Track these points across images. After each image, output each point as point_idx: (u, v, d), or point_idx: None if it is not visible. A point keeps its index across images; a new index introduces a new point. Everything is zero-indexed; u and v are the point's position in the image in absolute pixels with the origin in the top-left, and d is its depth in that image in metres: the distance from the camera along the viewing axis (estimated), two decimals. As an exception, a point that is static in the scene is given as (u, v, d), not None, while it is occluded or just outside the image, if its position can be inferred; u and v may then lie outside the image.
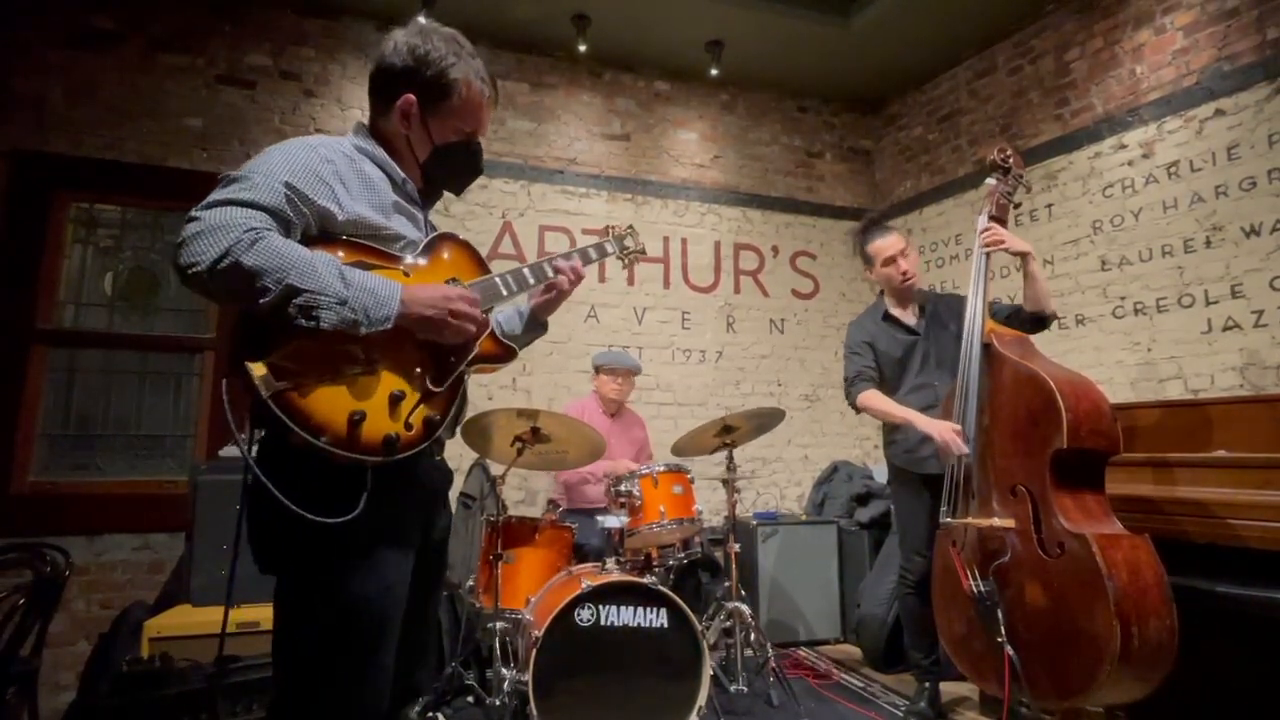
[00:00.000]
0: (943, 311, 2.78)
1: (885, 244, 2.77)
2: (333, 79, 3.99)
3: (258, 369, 1.09)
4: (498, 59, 4.33)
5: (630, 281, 4.46)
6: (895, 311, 2.82)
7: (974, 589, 2.04)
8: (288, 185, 1.14)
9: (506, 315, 1.60)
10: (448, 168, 1.42)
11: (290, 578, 1.21)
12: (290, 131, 3.89)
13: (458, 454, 3.56)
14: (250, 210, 1.10)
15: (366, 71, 1.43)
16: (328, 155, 1.23)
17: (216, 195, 1.11)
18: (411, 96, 1.33)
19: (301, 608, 1.20)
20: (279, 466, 1.14)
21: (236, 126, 3.81)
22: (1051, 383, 1.98)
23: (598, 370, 3.57)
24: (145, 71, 3.68)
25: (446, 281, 1.35)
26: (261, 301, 1.07)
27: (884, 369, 2.78)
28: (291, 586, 1.21)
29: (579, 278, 1.56)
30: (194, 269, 1.04)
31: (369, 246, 1.26)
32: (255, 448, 1.19)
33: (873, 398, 2.68)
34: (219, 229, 1.06)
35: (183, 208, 1.12)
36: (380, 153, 1.34)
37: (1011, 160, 2.40)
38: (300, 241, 1.16)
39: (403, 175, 1.36)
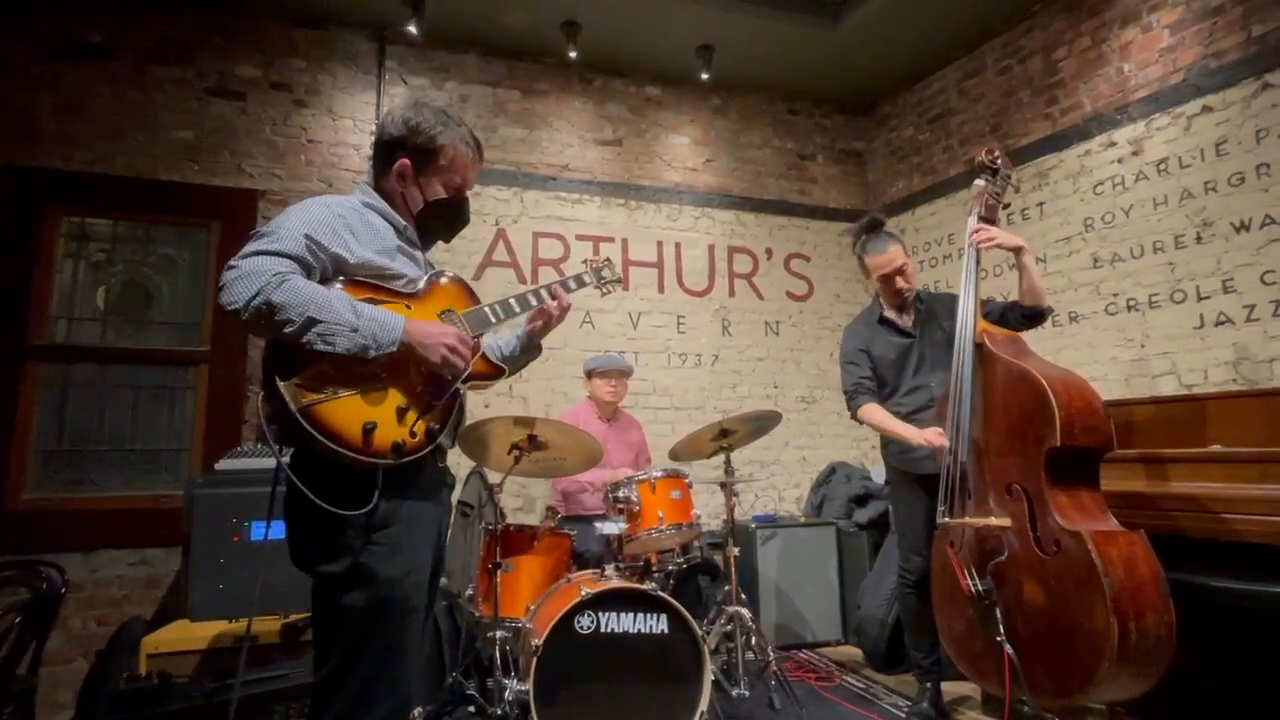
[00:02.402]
0: (937, 312, 2.78)
1: (881, 260, 2.72)
2: (323, 89, 3.99)
3: (287, 387, 1.30)
4: (488, 67, 4.34)
5: (625, 287, 4.46)
6: (890, 314, 2.82)
7: (972, 588, 2.05)
8: (308, 236, 1.36)
9: (506, 339, 1.81)
10: (438, 219, 1.64)
11: (325, 571, 1.37)
12: (282, 143, 3.89)
13: (454, 462, 3.53)
14: (277, 258, 1.31)
15: (357, 81, 1.51)
16: (339, 211, 1.45)
17: (250, 247, 1.32)
18: (406, 160, 1.56)
19: (337, 596, 1.36)
20: (304, 470, 1.34)
21: (227, 138, 3.80)
22: (1043, 381, 1.99)
23: (590, 375, 3.56)
24: (135, 84, 3.67)
25: (442, 311, 1.56)
26: (287, 331, 1.28)
27: (881, 373, 2.78)
28: (326, 578, 1.37)
29: (565, 307, 1.75)
30: (233, 306, 1.26)
31: (375, 285, 1.47)
32: (286, 455, 1.38)
33: (872, 412, 2.70)
34: (252, 274, 1.27)
35: (174, 221, 1.27)
36: (384, 205, 1.56)
37: (1000, 161, 2.40)
38: (319, 283, 1.37)
39: (404, 223, 1.58)
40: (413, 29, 3.86)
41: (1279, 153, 2.90)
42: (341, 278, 1.43)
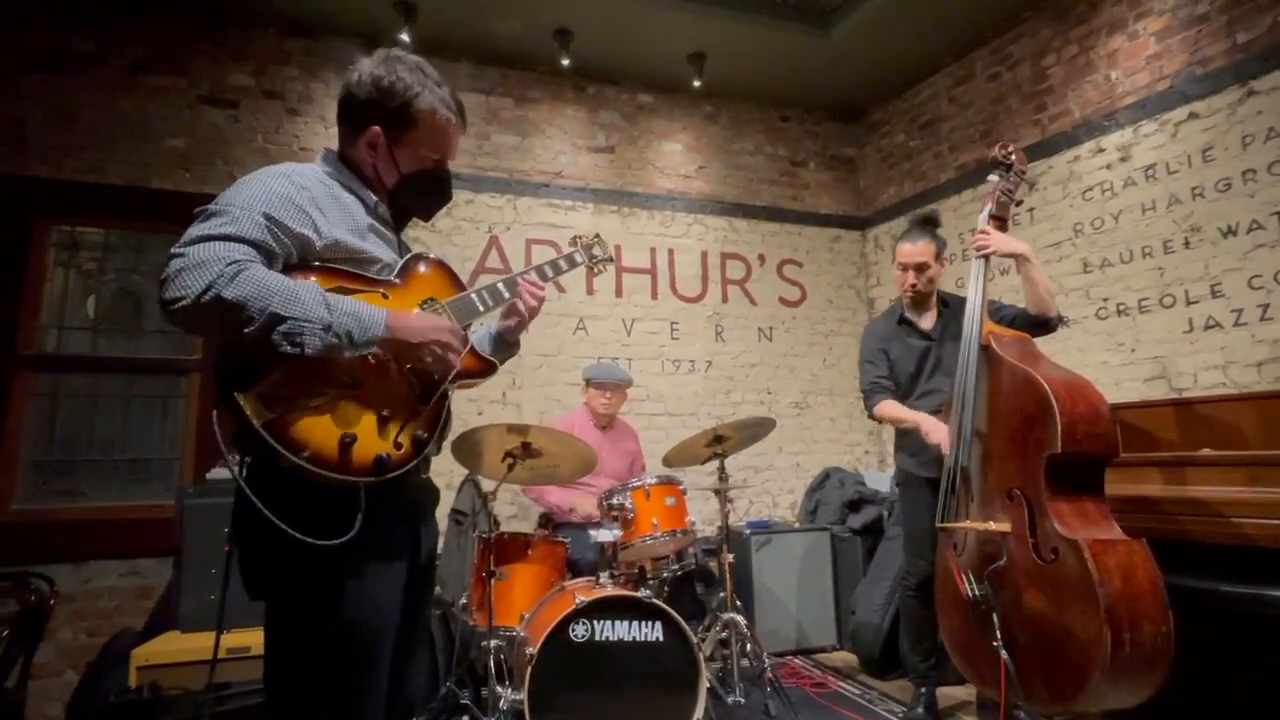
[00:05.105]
0: (958, 316, 2.77)
1: (907, 250, 2.74)
2: (316, 97, 3.99)
3: (248, 399, 1.12)
4: (481, 75, 4.35)
5: (618, 293, 4.47)
6: (911, 315, 2.81)
7: (969, 593, 2.05)
8: (267, 216, 1.17)
9: (478, 337, 1.59)
10: (415, 195, 1.44)
11: (281, 602, 1.22)
12: (274, 151, 3.88)
13: (448, 470, 3.54)
14: (232, 244, 1.12)
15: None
16: (302, 183, 1.24)
17: (197, 231, 1.13)
18: (378, 128, 1.35)
19: (293, 632, 1.20)
20: (270, 492, 1.15)
21: (220, 146, 3.79)
22: (1046, 386, 1.96)
23: (588, 384, 3.56)
24: (126, 93, 3.66)
25: (424, 301, 1.39)
26: (246, 331, 1.08)
27: (898, 375, 2.77)
28: (282, 611, 1.22)
29: (538, 293, 1.55)
30: (179, 304, 1.06)
31: (346, 271, 1.28)
32: (245, 474, 1.19)
33: (889, 407, 2.69)
34: (202, 265, 1.08)
35: (166, 229, 1.16)
36: (351, 178, 1.37)
37: (1013, 157, 2.38)
38: (281, 269, 1.18)
39: (374, 199, 1.38)
40: (405, 37, 3.86)
41: (1265, 158, 2.93)
42: (304, 265, 1.23)
